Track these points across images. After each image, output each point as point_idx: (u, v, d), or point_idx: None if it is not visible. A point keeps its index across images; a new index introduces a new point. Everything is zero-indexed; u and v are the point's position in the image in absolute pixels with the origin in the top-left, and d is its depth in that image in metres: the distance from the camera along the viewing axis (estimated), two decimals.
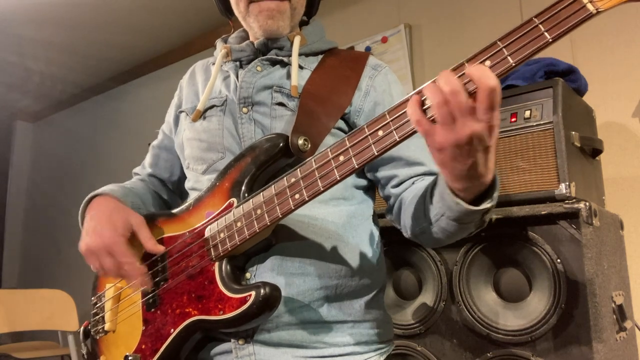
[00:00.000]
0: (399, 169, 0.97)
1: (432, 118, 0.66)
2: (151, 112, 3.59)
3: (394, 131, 0.71)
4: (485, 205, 0.73)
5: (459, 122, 0.63)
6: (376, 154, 0.73)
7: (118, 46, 3.68)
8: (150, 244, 0.94)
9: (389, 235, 1.38)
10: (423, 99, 0.68)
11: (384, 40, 2.57)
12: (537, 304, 1.24)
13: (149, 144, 1.22)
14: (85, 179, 4.27)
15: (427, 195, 0.83)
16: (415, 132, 0.70)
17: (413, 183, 0.95)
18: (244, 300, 0.80)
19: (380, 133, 0.72)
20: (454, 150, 0.65)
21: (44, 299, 2.79)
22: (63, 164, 4.59)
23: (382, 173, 0.99)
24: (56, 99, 4.61)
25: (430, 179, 0.93)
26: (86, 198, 1.04)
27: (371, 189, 1.04)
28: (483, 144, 0.65)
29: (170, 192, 1.20)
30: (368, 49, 2.59)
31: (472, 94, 0.64)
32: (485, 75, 0.61)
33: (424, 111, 0.67)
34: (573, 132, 1.34)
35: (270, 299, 0.80)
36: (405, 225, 0.94)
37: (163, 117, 1.20)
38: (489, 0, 2.24)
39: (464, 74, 0.64)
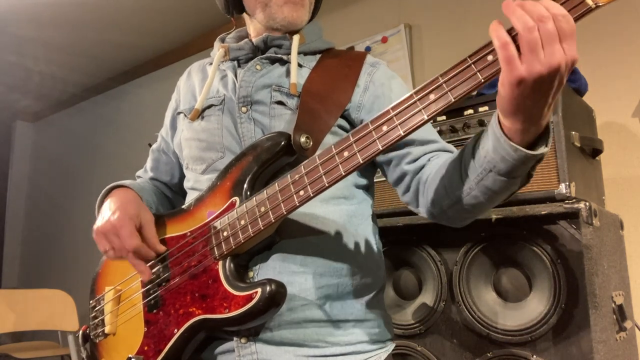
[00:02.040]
0: (412, 148, 0.94)
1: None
2: (151, 112, 3.59)
3: (398, 126, 0.72)
4: (542, 149, 0.70)
5: (547, 51, 0.61)
6: (381, 148, 0.73)
7: (118, 46, 3.68)
8: (153, 243, 0.94)
9: (389, 235, 1.38)
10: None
11: (384, 40, 2.57)
12: (537, 304, 1.24)
13: (149, 144, 1.22)
14: (85, 179, 4.27)
15: (467, 155, 0.79)
16: (420, 126, 0.70)
17: (429, 160, 0.92)
18: (250, 298, 0.80)
19: (385, 128, 0.73)
20: (534, 83, 0.62)
21: (44, 299, 2.79)
22: (63, 164, 4.59)
23: (395, 153, 0.96)
24: (56, 99, 4.62)
25: (446, 155, 0.90)
26: (106, 188, 1.05)
27: (371, 188, 1.04)
28: (561, 79, 0.63)
29: (173, 193, 1.21)
30: (368, 49, 2.59)
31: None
32: (553, 5, 0.61)
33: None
34: (573, 132, 1.34)
35: (277, 296, 0.80)
36: (428, 203, 0.89)
37: (163, 117, 1.20)
38: (489, 1, 2.24)
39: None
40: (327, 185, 0.77)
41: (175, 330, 0.89)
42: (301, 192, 0.79)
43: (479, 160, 0.75)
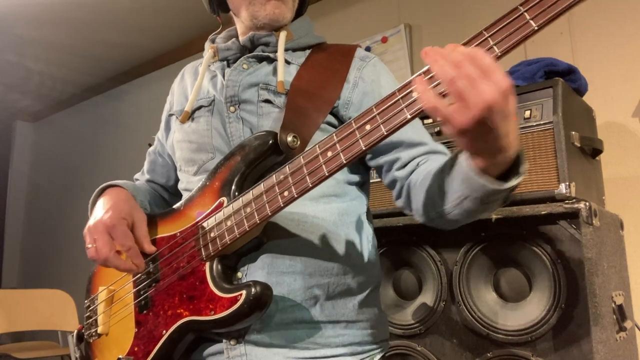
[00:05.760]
0: (401, 152, 0.94)
1: (443, 94, 0.64)
2: (151, 112, 3.58)
3: (381, 125, 0.70)
4: (513, 182, 0.70)
5: (475, 93, 0.60)
6: (364, 148, 0.72)
7: (118, 46, 3.68)
8: (145, 243, 0.94)
9: (389, 235, 1.38)
10: (427, 78, 0.65)
11: (384, 40, 2.57)
12: (537, 304, 1.24)
13: (149, 144, 1.22)
14: (85, 179, 4.27)
15: (445, 179, 0.80)
16: (403, 125, 0.69)
17: (417, 164, 0.93)
18: (234, 300, 0.80)
19: (368, 127, 0.72)
20: (476, 127, 0.62)
21: (44, 299, 2.80)
22: (63, 164, 4.59)
23: (385, 159, 0.96)
24: (56, 99, 4.62)
25: (435, 157, 0.91)
26: (99, 188, 1.05)
27: (365, 184, 1.03)
28: (502, 112, 0.62)
29: (170, 195, 1.20)
30: (368, 49, 2.59)
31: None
32: (467, 51, 0.62)
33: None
34: (573, 132, 1.34)
35: (262, 298, 0.79)
36: (419, 210, 0.90)
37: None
38: (489, 0, 2.24)
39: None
40: (310, 185, 0.76)
41: (164, 331, 0.88)
42: (285, 193, 0.79)
43: (456, 186, 0.77)
